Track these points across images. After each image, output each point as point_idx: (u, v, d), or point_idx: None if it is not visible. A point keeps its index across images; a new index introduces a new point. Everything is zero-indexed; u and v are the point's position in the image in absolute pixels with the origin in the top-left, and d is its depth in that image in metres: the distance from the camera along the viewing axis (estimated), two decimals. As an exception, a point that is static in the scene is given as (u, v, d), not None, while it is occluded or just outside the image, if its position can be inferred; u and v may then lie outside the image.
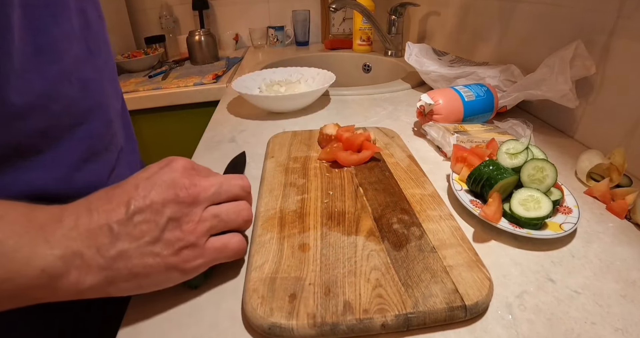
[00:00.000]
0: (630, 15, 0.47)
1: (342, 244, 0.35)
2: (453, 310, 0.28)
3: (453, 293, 0.29)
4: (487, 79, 0.67)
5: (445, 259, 0.33)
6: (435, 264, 0.32)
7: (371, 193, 0.42)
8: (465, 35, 0.90)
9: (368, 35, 1.23)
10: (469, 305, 0.28)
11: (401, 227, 0.37)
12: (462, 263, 0.32)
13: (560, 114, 0.61)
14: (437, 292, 0.29)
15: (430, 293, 0.29)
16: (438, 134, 0.54)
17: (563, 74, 0.53)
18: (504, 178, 0.39)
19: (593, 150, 0.48)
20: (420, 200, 0.41)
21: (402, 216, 0.38)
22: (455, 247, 0.34)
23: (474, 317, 0.29)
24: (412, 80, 0.88)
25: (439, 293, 0.29)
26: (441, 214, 0.39)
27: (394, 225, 0.37)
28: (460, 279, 0.30)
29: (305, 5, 1.50)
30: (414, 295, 0.29)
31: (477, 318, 0.29)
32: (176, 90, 1.05)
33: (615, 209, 0.41)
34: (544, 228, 0.37)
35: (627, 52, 0.48)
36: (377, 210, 0.39)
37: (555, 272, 0.34)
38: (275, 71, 0.84)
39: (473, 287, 0.30)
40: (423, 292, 0.29)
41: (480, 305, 0.29)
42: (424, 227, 0.37)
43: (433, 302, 0.28)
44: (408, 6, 1.09)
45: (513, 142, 0.43)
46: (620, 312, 0.30)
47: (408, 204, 0.40)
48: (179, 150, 0.65)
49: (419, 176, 0.46)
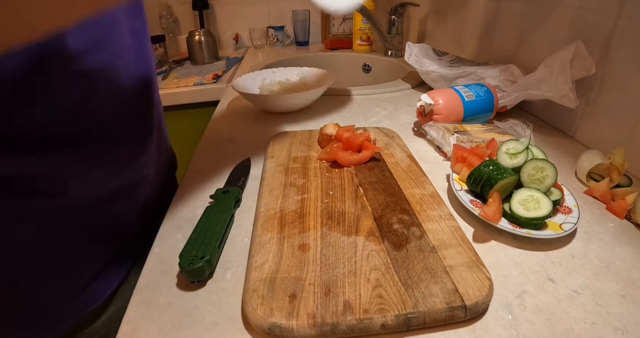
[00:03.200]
0: (630, 15, 0.47)
1: (342, 244, 0.35)
2: (453, 310, 0.28)
3: (453, 293, 0.29)
4: (487, 79, 0.67)
5: (445, 259, 0.33)
6: (435, 264, 0.32)
7: (371, 193, 0.42)
8: (465, 35, 0.90)
9: (368, 35, 1.23)
10: (469, 305, 0.28)
11: (401, 227, 0.37)
12: (462, 263, 0.32)
13: (560, 114, 0.61)
14: (437, 292, 0.29)
15: (430, 293, 0.29)
16: (438, 134, 0.54)
17: (563, 74, 0.53)
18: (504, 178, 0.39)
19: (593, 150, 0.48)
20: (420, 200, 0.41)
21: (402, 216, 0.38)
22: (456, 247, 0.34)
23: (474, 317, 0.29)
24: (412, 80, 0.88)
25: (439, 293, 0.29)
26: (441, 214, 0.39)
27: (394, 225, 0.37)
28: (460, 279, 0.30)
29: (305, 5, 1.50)
30: (414, 295, 0.29)
31: (477, 318, 0.29)
32: (176, 90, 1.05)
33: (615, 209, 0.41)
34: (544, 228, 0.37)
35: (627, 52, 0.48)
36: (377, 210, 0.39)
37: (555, 272, 0.34)
38: (275, 71, 0.84)
39: (473, 287, 0.30)
40: (423, 292, 0.29)
41: (480, 305, 0.29)
42: (424, 227, 0.37)
43: (433, 302, 0.28)
44: (408, 6, 1.09)
45: (513, 142, 0.43)
46: (620, 312, 0.30)
47: (408, 204, 0.40)
48: (179, 150, 0.65)
49: (419, 176, 0.46)
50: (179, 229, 0.40)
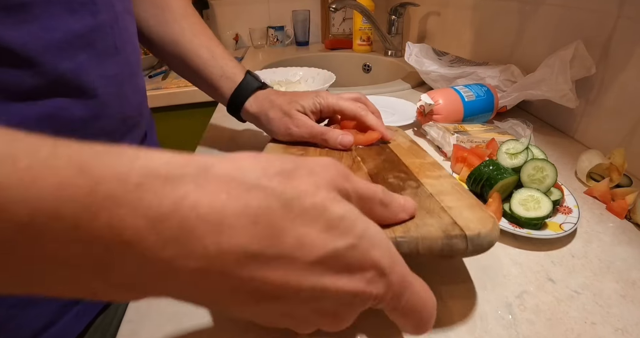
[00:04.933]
0: (630, 15, 0.47)
1: None
2: (451, 239, 0.25)
3: (451, 225, 0.26)
4: (487, 79, 0.67)
5: (443, 202, 0.29)
6: (432, 205, 0.29)
7: (369, 161, 0.40)
8: (465, 35, 0.90)
9: (368, 35, 1.23)
10: (470, 235, 0.25)
11: (397, 181, 0.34)
12: (463, 206, 0.28)
13: (560, 114, 0.61)
14: (432, 222, 0.26)
15: (425, 223, 0.26)
16: (438, 134, 0.54)
17: (563, 74, 0.53)
18: (504, 178, 0.39)
19: (593, 150, 0.48)
20: (420, 166, 0.38)
21: (399, 174, 0.36)
22: (455, 194, 0.31)
23: (478, 256, 0.26)
24: (412, 80, 0.88)
25: (435, 223, 0.26)
26: (441, 174, 0.35)
27: (390, 179, 0.34)
28: (460, 216, 0.27)
29: (305, 5, 1.50)
30: (406, 225, 0.26)
31: (477, 318, 0.29)
32: (176, 90, 1.05)
33: (615, 209, 0.41)
34: (544, 228, 0.37)
35: (627, 52, 0.48)
36: (372, 171, 0.37)
37: (555, 272, 0.34)
38: (275, 71, 0.84)
39: (474, 221, 0.26)
40: (417, 222, 0.26)
41: (483, 238, 0.25)
42: (422, 181, 0.34)
43: (428, 230, 0.25)
44: (408, 6, 1.09)
45: (513, 142, 0.43)
46: (620, 312, 0.30)
47: (406, 167, 0.38)
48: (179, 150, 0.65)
49: (420, 151, 0.43)
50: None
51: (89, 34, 0.34)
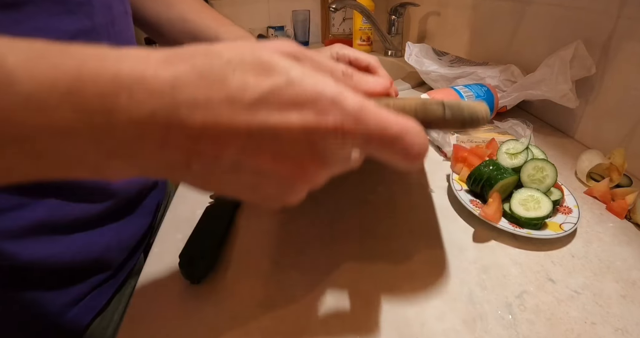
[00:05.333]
0: (630, 15, 0.47)
1: None
2: (429, 105, 0.23)
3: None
4: (487, 79, 0.67)
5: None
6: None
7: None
8: (465, 35, 0.90)
9: (368, 35, 1.23)
10: (448, 103, 0.24)
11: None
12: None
13: (560, 114, 0.61)
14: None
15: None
16: (438, 133, 0.54)
17: (563, 74, 0.53)
18: (504, 178, 0.39)
19: (593, 150, 0.48)
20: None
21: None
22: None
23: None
24: (412, 80, 0.88)
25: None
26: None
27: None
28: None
29: (305, 5, 1.50)
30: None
31: (477, 318, 0.29)
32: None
33: (615, 209, 0.41)
34: (544, 228, 0.37)
35: (627, 52, 0.48)
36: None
37: (555, 272, 0.34)
38: (275, 71, 0.84)
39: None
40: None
41: (464, 107, 0.24)
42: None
43: (405, 101, 0.24)
44: (408, 6, 1.09)
45: (513, 142, 0.43)
46: (620, 312, 0.30)
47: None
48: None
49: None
50: (178, 229, 0.40)
51: (85, 35, 0.34)
